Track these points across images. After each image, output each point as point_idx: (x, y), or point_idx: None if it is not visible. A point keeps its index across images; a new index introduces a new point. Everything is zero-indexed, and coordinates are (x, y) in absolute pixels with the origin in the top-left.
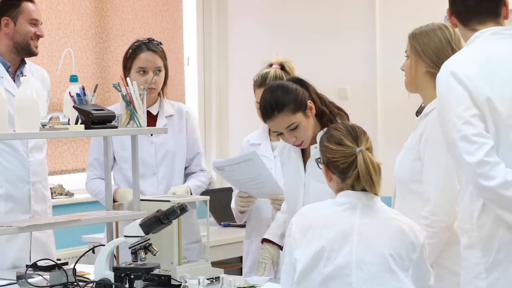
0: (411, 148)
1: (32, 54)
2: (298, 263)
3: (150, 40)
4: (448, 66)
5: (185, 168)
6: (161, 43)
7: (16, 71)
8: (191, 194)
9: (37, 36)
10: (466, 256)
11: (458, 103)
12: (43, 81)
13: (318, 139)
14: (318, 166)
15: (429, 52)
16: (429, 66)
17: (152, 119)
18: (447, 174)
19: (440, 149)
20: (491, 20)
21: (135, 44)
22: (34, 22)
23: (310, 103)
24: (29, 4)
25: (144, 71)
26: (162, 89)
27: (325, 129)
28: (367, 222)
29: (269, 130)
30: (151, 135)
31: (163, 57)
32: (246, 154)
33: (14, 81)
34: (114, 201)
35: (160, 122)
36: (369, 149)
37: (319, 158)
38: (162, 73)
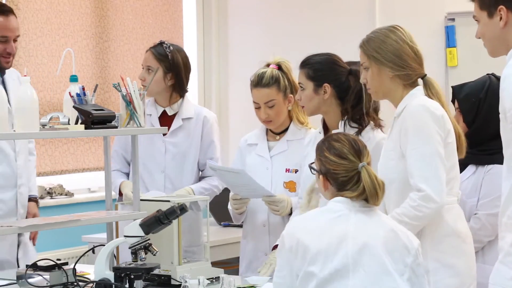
0: (391, 149)
1: (3, 69)
2: (299, 273)
3: (161, 43)
4: None
5: (201, 171)
6: (169, 47)
7: None
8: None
9: (8, 53)
10: None
11: None
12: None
13: (340, 127)
14: (311, 172)
15: (389, 56)
16: (394, 70)
17: (166, 119)
18: (430, 164)
19: (420, 140)
20: None
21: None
22: (3, 40)
23: (325, 86)
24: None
25: (143, 68)
26: (182, 90)
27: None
28: (361, 225)
29: (267, 130)
30: (164, 134)
31: (159, 58)
32: (236, 168)
33: None
34: (120, 193)
35: (175, 123)
36: (369, 163)
37: (313, 163)
38: (158, 74)
